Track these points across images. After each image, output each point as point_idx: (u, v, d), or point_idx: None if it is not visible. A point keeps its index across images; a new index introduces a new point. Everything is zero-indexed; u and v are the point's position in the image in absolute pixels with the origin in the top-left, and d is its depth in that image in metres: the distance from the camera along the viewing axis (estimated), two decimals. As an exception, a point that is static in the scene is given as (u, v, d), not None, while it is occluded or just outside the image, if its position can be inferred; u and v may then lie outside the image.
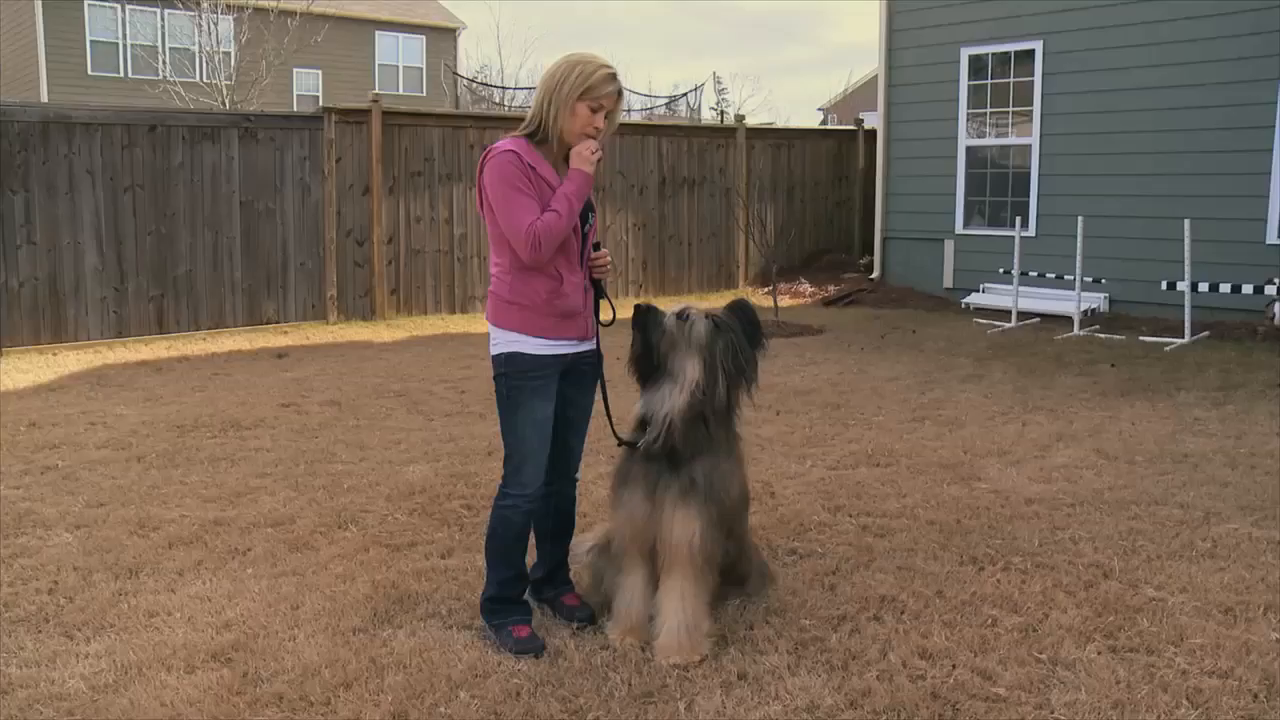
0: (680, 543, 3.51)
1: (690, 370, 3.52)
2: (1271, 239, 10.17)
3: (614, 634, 3.70)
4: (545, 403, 3.64)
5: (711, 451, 3.57)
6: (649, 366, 3.60)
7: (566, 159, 3.65)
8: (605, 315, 3.82)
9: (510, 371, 3.61)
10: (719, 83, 38.64)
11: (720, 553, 3.65)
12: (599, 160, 3.60)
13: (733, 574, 3.91)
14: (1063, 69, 11.62)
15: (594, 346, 3.79)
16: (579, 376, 3.77)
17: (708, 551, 3.54)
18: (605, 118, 3.58)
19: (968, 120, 12.64)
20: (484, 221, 3.69)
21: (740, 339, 3.59)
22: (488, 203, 3.56)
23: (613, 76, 3.56)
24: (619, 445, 3.71)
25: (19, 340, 9.75)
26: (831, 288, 14.03)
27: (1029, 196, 12.03)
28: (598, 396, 3.87)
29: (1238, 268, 10.00)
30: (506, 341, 3.61)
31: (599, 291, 3.80)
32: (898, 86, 13.36)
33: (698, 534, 3.50)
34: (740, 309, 3.65)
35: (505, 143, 3.55)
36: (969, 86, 12.55)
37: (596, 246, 3.77)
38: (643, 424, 3.62)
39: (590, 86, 3.51)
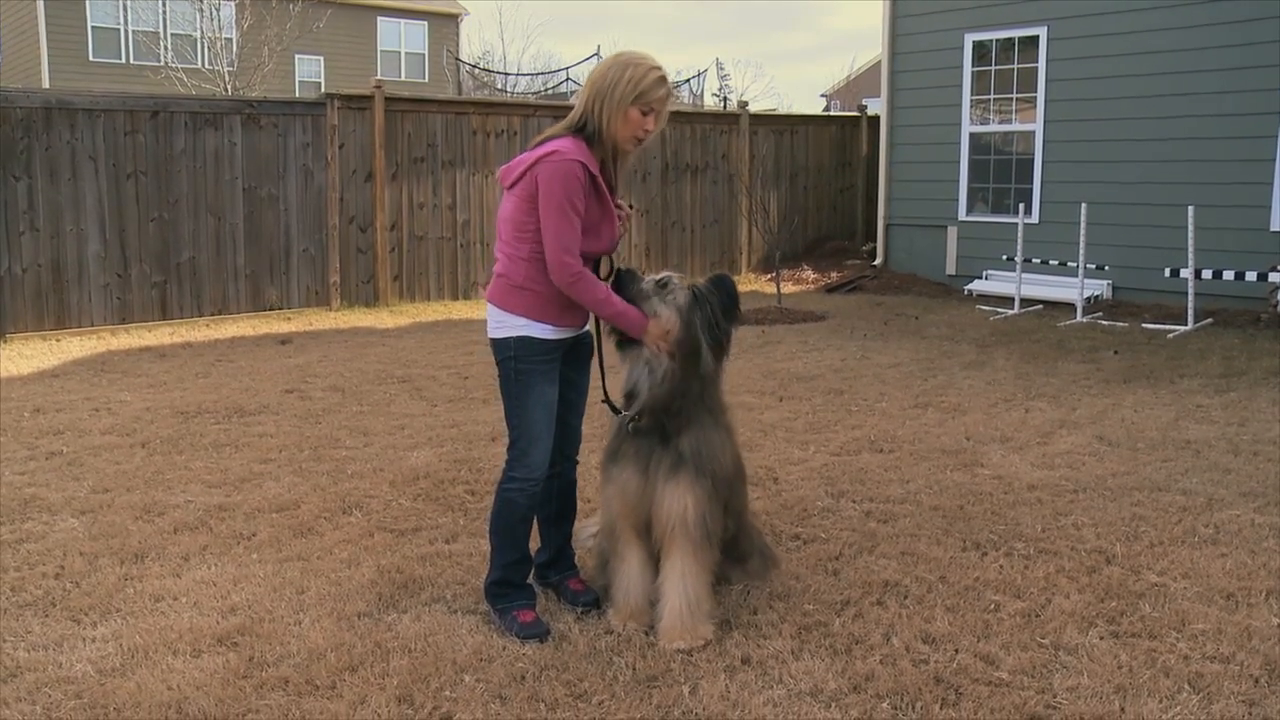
0: (674, 516, 3.51)
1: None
2: (1275, 226, 10.14)
3: (615, 620, 3.71)
4: (552, 385, 3.66)
5: (699, 424, 3.58)
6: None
7: (614, 157, 3.65)
8: (603, 270, 3.77)
9: (520, 355, 3.60)
10: (722, 69, 38.60)
11: (720, 528, 3.65)
12: (661, 348, 3.55)
13: (734, 551, 3.91)
14: (1067, 55, 11.58)
15: (590, 329, 3.82)
16: (576, 358, 3.80)
17: (705, 526, 3.54)
18: (653, 118, 3.56)
19: (971, 106, 12.61)
20: (500, 201, 3.66)
21: (716, 312, 3.58)
22: (536, 197, 3.46)
23: (664, 79, 3.54)
24: (605, 403, 3.72)
25: (22, 326, 9.76)
26: (834, 274, 14.02)
27: (1032, 183, 12.01)
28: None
29: (1241, 254, 9.99)
30: (516, 326, 3.60)
31: None
32: (901, 73, 13.32)
33: (691, 507, 3.51)
34: (720, 283, 3.63)
35: (569, 147, 3.46)
36: (973, 72, 12.51)
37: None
38: (630, 397, 3.63)
39: (643, 92, 3.48)
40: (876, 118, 14.58)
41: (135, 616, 3.82)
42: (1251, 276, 9.38)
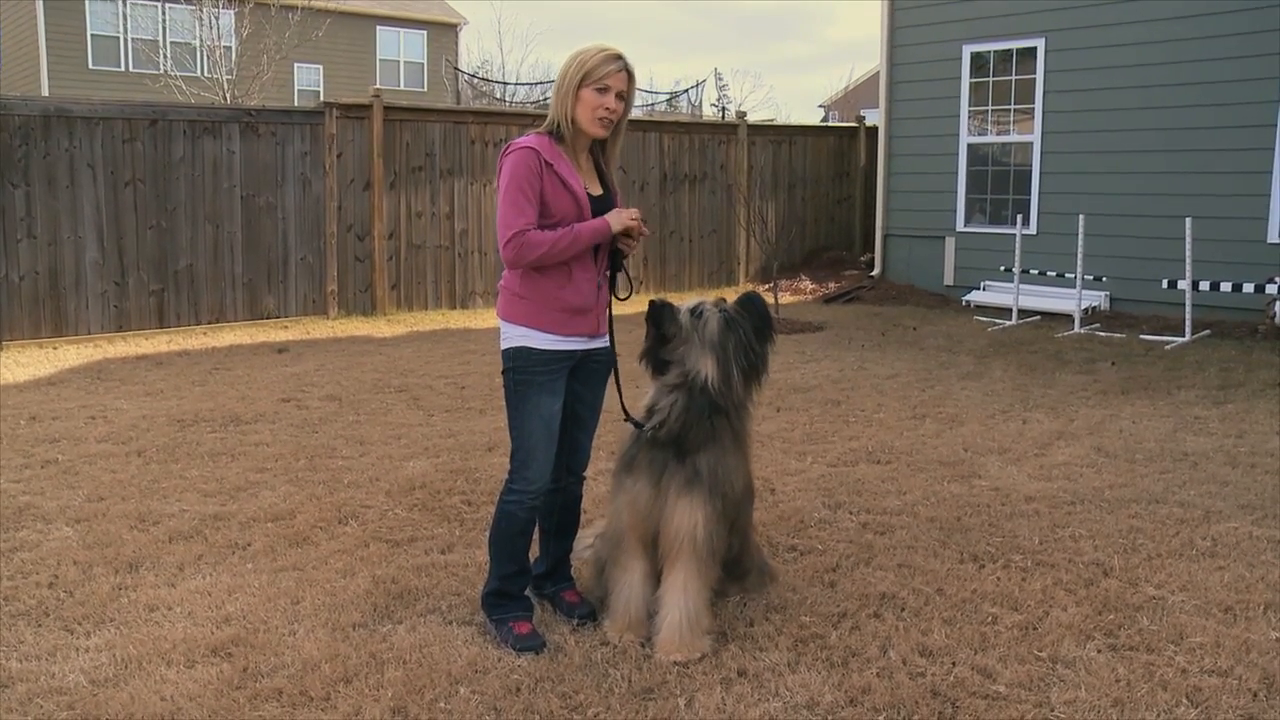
0: (682, 532, 3.51)
1: (704, 366, 3.52)
2: (1272, 238, 10.16)
3: (612, 631, 3.69)
4: (552, 399, 3.63)
5: (718, 444, 3.57)
6: (661, 360, 3.61)
7: (591, 152, 3.67)
8: (622, 291, 3.77)
9: (518, 366, 3.59)
10: (720, 79, 38.66)
11: (724, 547, 3.65)
12: (634, 227, 3.57)
13: (736, 569, 3.91)
14: (1064, 67, 11.61)
15: (606, 344, 3.78)
16: (590, 374, 3.76)
17: (711, 544, 3.54)
18: (618, 99, 3.54)
19: (969, 118, 12.63)
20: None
21: (750, 335, 3.58)
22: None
23: (613, 57, 3.52)
24: (628, 421, 3.70)
25: (19, 334, 9.75)
26: (832, 285, 14.02)
27: (1030, 194, 12.02)
28: (609, 393, 3.86)
29: (1238, 266, 10.01)
30: (515, 336, 3.60)
31: (617, 264, 3.75)
32: (899, 84, 13.35)
33: (700, 524, 3.50)
34: (751, 304, 3.64)
35: (527, 139, 3.53)
36: (970, 84, 12.53)
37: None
38: (651, 412, 3.62)
39: (589, 70, 3.50)
40: (874, 128, 14.61)
41: (129, 626, 3.81)
42: (1249, 288, 9.39)
